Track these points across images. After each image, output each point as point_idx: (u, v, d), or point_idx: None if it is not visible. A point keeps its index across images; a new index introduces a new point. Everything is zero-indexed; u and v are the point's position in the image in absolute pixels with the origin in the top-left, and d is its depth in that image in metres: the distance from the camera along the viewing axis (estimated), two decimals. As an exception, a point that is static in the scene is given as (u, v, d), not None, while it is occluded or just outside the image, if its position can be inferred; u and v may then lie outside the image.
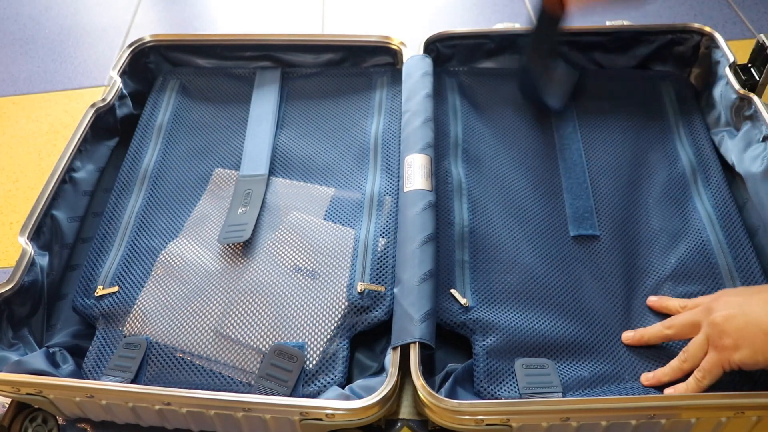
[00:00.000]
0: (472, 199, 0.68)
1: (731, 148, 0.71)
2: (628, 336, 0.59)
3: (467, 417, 0.50)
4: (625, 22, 0.81)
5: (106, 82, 1.00)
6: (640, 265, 0.64)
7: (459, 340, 0.60)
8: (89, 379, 0.58)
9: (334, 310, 0.60)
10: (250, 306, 0.61)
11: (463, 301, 0.60)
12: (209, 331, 0.60)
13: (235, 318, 0.60)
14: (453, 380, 0.55)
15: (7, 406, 0.59)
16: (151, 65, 0.85)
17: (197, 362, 0.59)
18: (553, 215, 0.68)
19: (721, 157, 0.73)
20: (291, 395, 0.55)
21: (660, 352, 0.58)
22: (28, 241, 0.62)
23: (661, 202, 0.68)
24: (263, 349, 0.58)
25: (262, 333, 0.59)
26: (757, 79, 0.71)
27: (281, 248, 0.65)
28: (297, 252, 0.65)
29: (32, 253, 0.62)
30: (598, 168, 0.71)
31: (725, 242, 0.64)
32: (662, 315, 0.60)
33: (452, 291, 0.61)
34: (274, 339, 0.59)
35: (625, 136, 0.74)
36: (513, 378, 0.55)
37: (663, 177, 0.70)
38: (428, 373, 0.56)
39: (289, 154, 0.75)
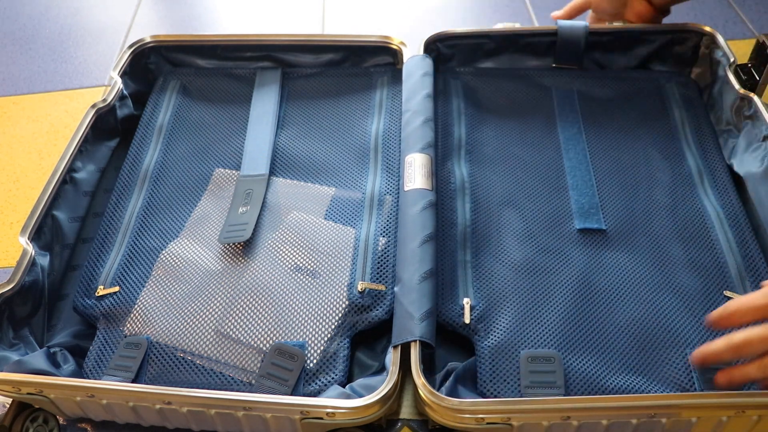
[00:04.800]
0: (474, 199, 0.69)
1: (731, 148, 0.71)
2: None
3: (468, 416, 0.50)
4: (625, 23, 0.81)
5: (107, 83, 1.00)
6: (647, 260, 0.64)
7: (459, 339, 0.60)
8: (90, 379, 0.58)
9: (334, 309, 0.60)
10: (250, 305, 0.61)
11: (467, 311, 0.59)
12: (210, 330, 0.60)
13: (236, 317, 0.60)
14: (454, 379, 0.55)
15: (8, 406, 0.59)
16: (152, 66, 0.85)
17: (198, 362, 0.59)
18: (557, 211, 0.68)
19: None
20: (292, 394, 0.55)
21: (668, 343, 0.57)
22: (28, 241, 0.62)
23: (668, 200, 0.68)
24: (264, 348, 0.58)
25: (263, 332, 0.59)
26: (757, 78, 0.71)
27: (282, 248, 0.65)
28: (297, 251, 0.65)
29: (33, 253, 0.62)
30: (603, 167, 0.72)
31: (734, 242, 0.64)
32: (660, 312, 0.59)
33: (465, 301, 0.60)
34: (274, 338, 0.59)
35: (630, 136, 0.75)
36: (517, 375, 0.55)
37: (668, 177, 0.71)
38: (429, 372, 0.56)
39: (290, 154, 0.75)
